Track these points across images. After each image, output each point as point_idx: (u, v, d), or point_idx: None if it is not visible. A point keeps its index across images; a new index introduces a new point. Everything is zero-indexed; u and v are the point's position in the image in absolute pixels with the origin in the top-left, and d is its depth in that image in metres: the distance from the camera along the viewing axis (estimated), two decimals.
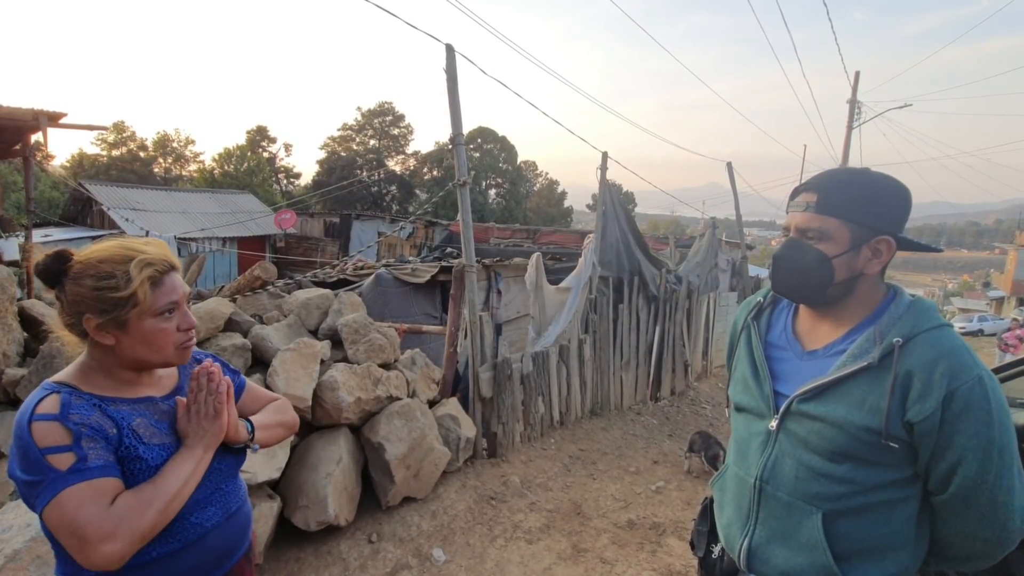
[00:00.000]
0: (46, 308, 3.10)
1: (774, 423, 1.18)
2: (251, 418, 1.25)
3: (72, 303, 1.03)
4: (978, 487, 1.01)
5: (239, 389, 1.33)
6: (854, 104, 14.56)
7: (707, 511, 1.44)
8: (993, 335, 24.35)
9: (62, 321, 1.07)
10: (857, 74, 14.65)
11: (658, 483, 4.30)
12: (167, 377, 1.20)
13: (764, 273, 12.39)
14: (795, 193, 1.19)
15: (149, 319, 1.05)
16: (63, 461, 0.94)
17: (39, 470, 0.93)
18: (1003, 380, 2.31)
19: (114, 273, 1.02)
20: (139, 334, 1.05)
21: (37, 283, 6.21)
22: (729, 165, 9.11)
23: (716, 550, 1.36)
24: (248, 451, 1.25)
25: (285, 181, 36.73)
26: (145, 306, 1.04)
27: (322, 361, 3.26)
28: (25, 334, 2.90)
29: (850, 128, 14.66)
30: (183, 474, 1.04)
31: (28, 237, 6.50)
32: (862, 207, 1.10)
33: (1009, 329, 10.59)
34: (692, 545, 1.47)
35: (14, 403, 2.59)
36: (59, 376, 1.06)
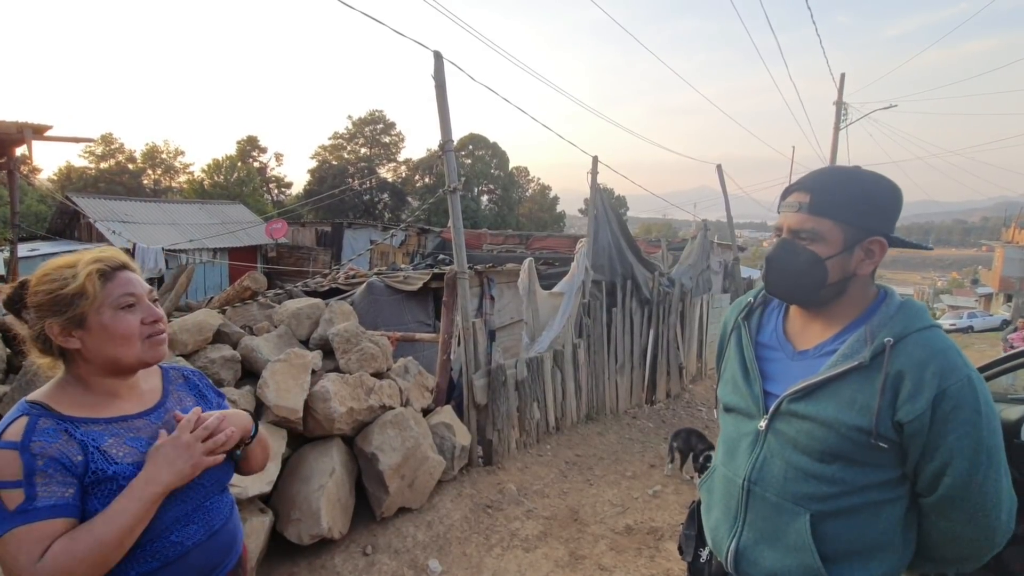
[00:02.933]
0: None
1: (763, 423, 1.17)
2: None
3: (35, 316, 1.05)
4: (967, 488, 1.01)
5: None
6: (840, 106, 14.72)
7: (695, 515, 1.44)
8: (984, 331, 24.59)
9: (31, 342, 1.07)
10: (843, 76, 14.83)
11: (655, 487, 4.28)
12: (150, 392, 1.17)
13: (756, 274, 12.45)
14: (787, 193, 1.18)
15: (107, 312, 1.05)
16: (12, 499, 0.92)
17: None
18: (988, 379, 2.32)
19: (64, 275, 1.04)
20: (100, 329, 1.04)
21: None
22: (719, 167, 9.16)
23: (704, 554, 1.35)
24: (234, 461, 1.22)
25: (276, 191, 36.60)
26: (98, 299, 1.04)
27: (313, 371, 3.22)
28: (7, 350, 2.84)
29: (837, 129, 14.81)
30: (125, 522, 0.97)
31: (13, 252, 6.42)
32: (855, 208, 1.09)
33: (1016, 330, 10.60)
34: (680, 550, 1.46)
35: None
36: (35, 394, 1.05)
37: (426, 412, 3.88)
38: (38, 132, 5.71)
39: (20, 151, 6.13)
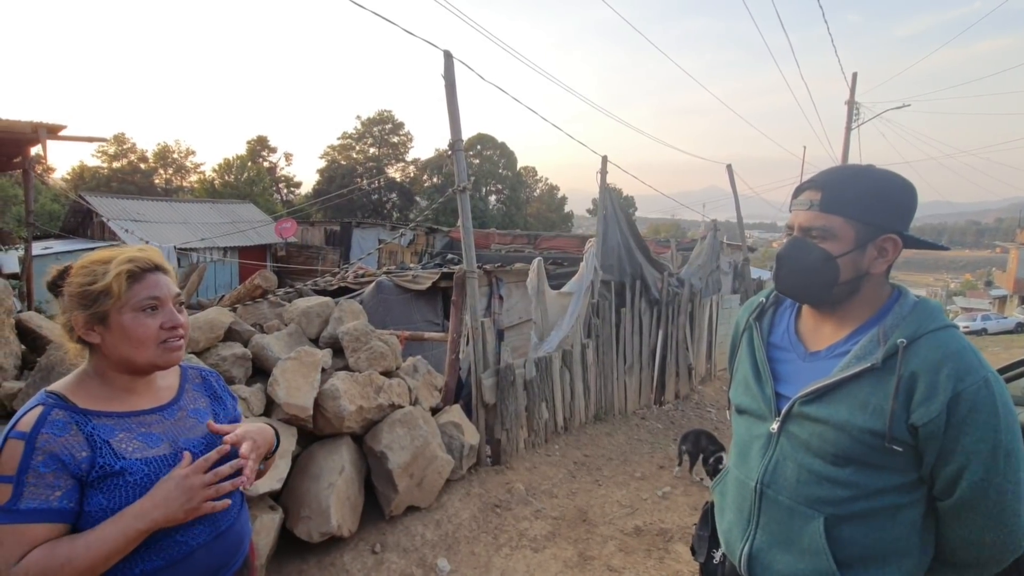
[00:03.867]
0: (44, 320, 3.08)
1: (775, 425, 1.16)
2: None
3: (66, 305, 1.07)
4: (985, 492, 0.99)
5: (234, 422, 1.29)
6: (852, 105, 14.58)
7: (708, 515, 1.43)
8: (998, 334, 24.23)
9: (63, 327, 1.09)
10: (854, 75, 14.69)
11: (664, 488, 4.25)
12: (166, 388, 1.18)
13: (766, 275, 12.36)
14: (798, 191, 1.17)
15: (128, 313, 1.06)
16: (1, 494, 0.94)
17: None
18: (1007, 380, 2.28)
19: (96, 270, 1.06)
20: (119, 329, 1.06)
21: (37, 296, 6.20)
22: (729, 168, 9.10)
23: (717, 555, 1.34)
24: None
25: (285, 190, 36.82)
26: (121, 299, 1.05)
27: (323, 370, 3.23)
28: (23, 347, 2.88)
29: (848, 129, 14.67)
30: (101, 550, 0.95)
31: (28, 250, 6.50)
32: (867, 205, 1.08)
33: None
34: (693, 551, 1.45)
35: (10, 416, 2.57)
36: (56, 384, 1.07)
37: (435, 411, 3.88)
38: (52, 132, 5.77)
39: (35, 151, 6.19)
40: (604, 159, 5.96)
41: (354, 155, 35.99)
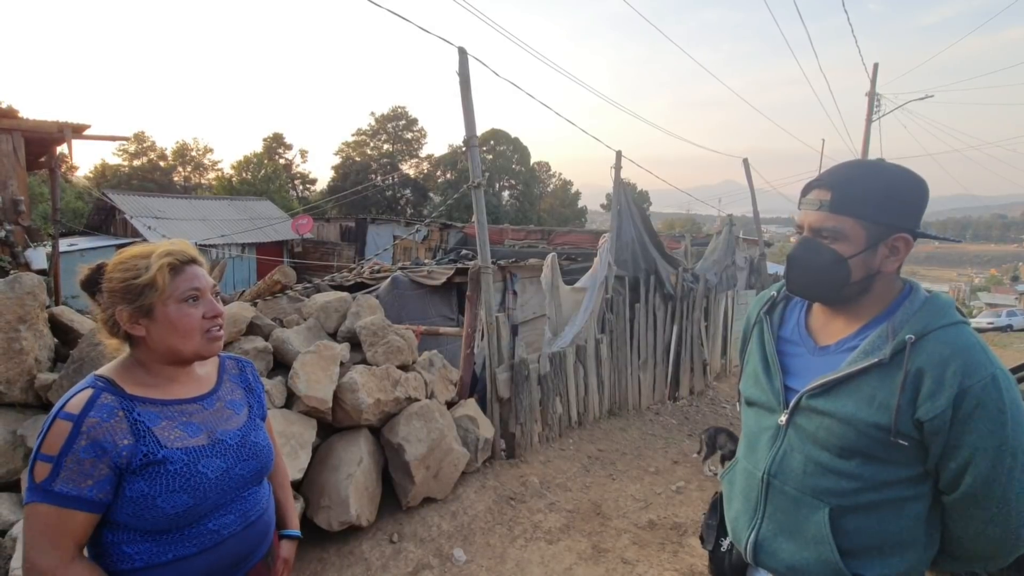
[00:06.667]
0: (75, 315, 3.18)
1: (783, 418, 1.17)
2: (289, 529, 1.42)
3: (107, 300, 1.10)
4: (989, 487, 0.99)
5: (263, 412, 1.34)
6: (873, 96, 14.31)
7: (716, 505, 1.45)
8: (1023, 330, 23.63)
9: (102, 323, 1.12)
10: (875, 66, 14.39)
11: (678, 483, 4.26)
12: (205, 377, 1.22)
13: (782, 270, 12.20)
14: (807, 189, 1.16)
15: (172, 305, 1.10)
16: (41, 472, 0.98)
17: (30, 470, 1.00)
18: (1020, 380, 2.24)
19: (137, 264, 1.09)
20: (165, 320, 1.09)
21: (64, 291, 6.37)
22: (746, 161, 9.01)
23: (725, 544, 1.36)
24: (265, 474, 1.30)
25: (301, 187, 37.21)
26: (165, 292, 1.09)
27: (342, 363, 3.29)
28: (55, 340, 2.98)
29: (869, 121, 14.41)
30: None
31: (55, 247, 6.67)
32: (878, 205, 1.07)
33: None
34: (702, 539, 1.48)
35: (46, 407, 2.67)
36: (103, 369, 1.11)
37: (450, 405, 3.93)
38: (77, 131, 5.92)
39: (60, 150, 6.35)
40: (618, 154, 5.95)
41: (368, 151, 36.23)
